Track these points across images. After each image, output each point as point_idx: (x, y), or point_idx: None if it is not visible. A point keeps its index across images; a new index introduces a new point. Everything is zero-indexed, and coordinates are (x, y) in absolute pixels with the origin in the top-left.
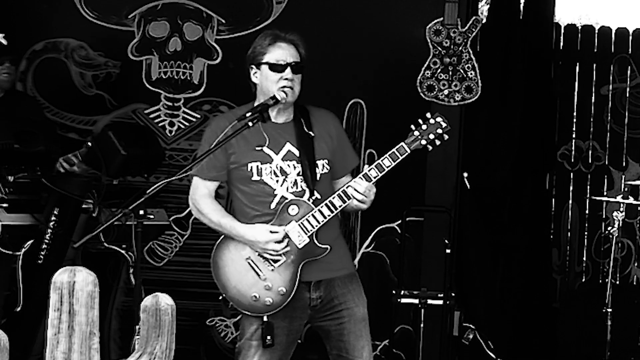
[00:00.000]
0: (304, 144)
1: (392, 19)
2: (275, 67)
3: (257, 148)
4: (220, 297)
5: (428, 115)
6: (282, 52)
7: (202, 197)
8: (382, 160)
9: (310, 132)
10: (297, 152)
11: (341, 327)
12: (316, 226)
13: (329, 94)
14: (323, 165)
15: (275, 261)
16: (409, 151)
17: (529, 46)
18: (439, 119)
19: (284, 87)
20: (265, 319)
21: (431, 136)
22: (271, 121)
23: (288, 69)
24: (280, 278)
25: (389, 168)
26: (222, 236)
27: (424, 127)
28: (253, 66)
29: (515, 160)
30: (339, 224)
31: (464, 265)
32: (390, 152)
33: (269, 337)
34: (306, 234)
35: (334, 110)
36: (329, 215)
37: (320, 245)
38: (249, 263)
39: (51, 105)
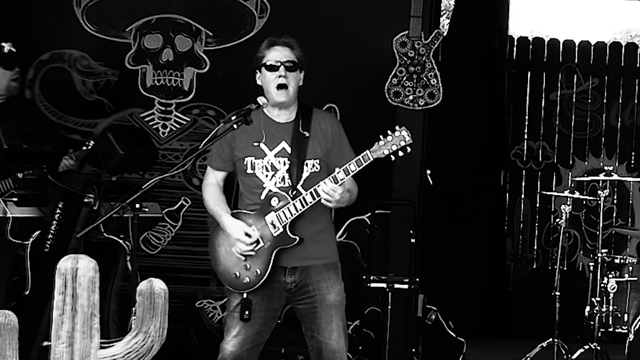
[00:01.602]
0: (297, 143)
1: (363, 32)
2: (271, 67)
3: (254, 144)
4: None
5: (397, 127)
6: (276, 54)
7: (208, 184)
8: (348, 165)
9: (306, 133)
10: (289, 150)
11: (314, 310)
12: (289, 218)
13: (306, 98)
14: (313, 165)
15: (256, 246)
16: (372, 159)
17: (486, 56)
18: (404, 133)
19: (280, 85)
20: (244, 296)
21: (394, 147)
22: (272, 120)
23: (282, 68)
24: (257, 261)
25: (354, 172)
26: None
27: (389, 138)
28: (257, 71)
29: (473, 159)
30: (327, 218)
31: (427, 253)
32: (356, 159)
33: (246, 312)
34: (281, 224)
35: None
36: (300, 209)
37: (291, 236)
38: (235, 251)
39: (56, 109)
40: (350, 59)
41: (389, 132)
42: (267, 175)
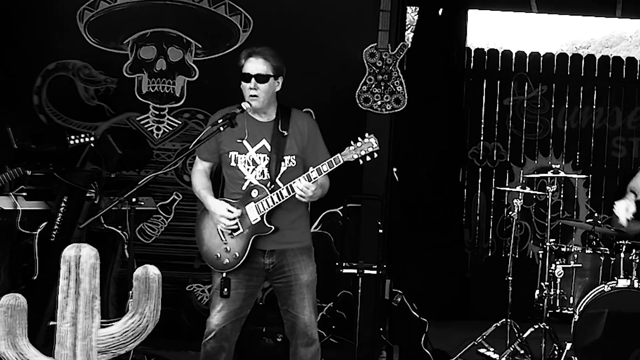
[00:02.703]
0: (277, 141)
1: (337, 44)
2: (245, 78)
3: (238, 140)
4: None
5: (366, 134)
6: (250, 66)
7: (196, 171)
8: (321, 166)
9: (284, 132)
10: (269, 148)
11: (288, 288)
12: (267, 209)
13: (285, 103)
14: (290, 160)
15: (235, 231)
16: (342, 161)
17: (446, 66)
18: (372, 140)
19: (251, 95)
20: (224, 275)
21: (362, 152)
22: (255, 119)
23: (253, 80)
24: (236, 244)
25: (327, 172)
26: (204, 207)
27: (359, 144)
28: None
29: (435, 158)
30: (303, 208)
31: (393, 243)
32: (328, 160)
33: (225, 289)
34: (259, 213)
35: None
36: (277, 202)
37: (267, 225)
38: (218, 230)
39: (61, 113)
40: (326, 68)
41: (359, 139)
42: (248, 169)
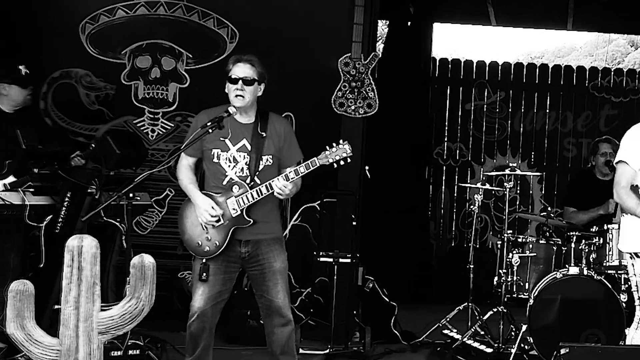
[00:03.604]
0: (256, 141)
1: (314, 54)
2: (232, 81)
3: (221, 138)
4: (180, 239)
5: (341, 140)
6: (238, 70)
7: (182, 166)
8: (298, 167)
9: (263, 133)
10: (249, 147)
11: (263, 275)
12: (246, 203)
13: (268, 107)
14: (267, 159)
15: (216, 222)
16: (318, 165)
17: (413, 74)
18: (346, 146)
19: (237, 95)
20: (203, 261)
21: (336, 157)
22: (237, 121)
23: (240, 82)
24: (217, 234)
25: (303, 174)
26: (187, 198)
27: (334, 149)
28: (226, 81)
29: (403, 157)
30: (276, 203)
31: (365, 234)
32: (305, 163)
33: (204, 274)
34: (239, 207)
35: None
36: (256, 198)
37: (246, 218)
38: (200, 220)
39: (65, 117)
40: (304, 76)
41: (334, 144)
42: (229, 166)
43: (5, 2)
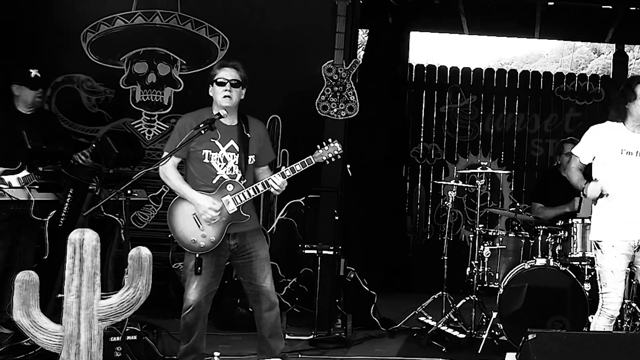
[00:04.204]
0: (242, 142)
1: (299, 61)
2: (220, 83)
3: (211, 140)
4: (169, 236)
5: (330, 139)
6: (225, 73)
7: (169, 167)
8: (295, 166)
9: (247, 134)
10: (237, 147)
11: (250, 263)
12: (243, 201)
13: (255, 110)
14: (252, 158)
15: (213, 219)
16: (314, 162)
17: (391, 79)
18: (337, 145)
19: (225, 96)
20: (197, 256)
21: (330, 155)
22: (223, 123)
23: (228, 84)
24: (213, 230)
25: (299, 171)
26: (177, 196)
27: (326, 147)
28: (210, 84)
29: (382, 156)
30: (255, 198)
31: (347, 228)
32: (301, 161)
33: (199, 268)
34: (236, 205)
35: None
36: (253, 195)
37: (243, 214)
38: (194, 217)
39: (67, 119)
40: (290, 81)
41: (325, 143)
42: (220, 165)
43: (14, 13)
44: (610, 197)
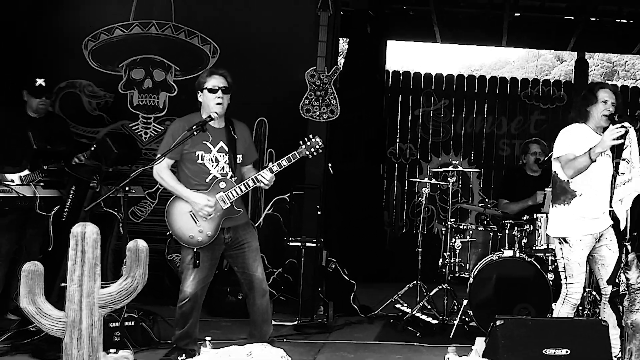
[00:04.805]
0: (231, 143)
1: (285, 67)
2: (212, 90)
3: (203, 142)
4: (168, 233)
5: (311, 135)
6: (216, 81)
7: (163, 168)
8: (281, 161)
9: (235, 136)
10: (226, 148)
11: (243, 254)
12: (236, 196)
13: (244, 113)
14: (239, 158)
15: (209, 215)
16: (298, 157)
17: (370, 84)
18: (318, 140)
19: (218, 103)
20: (195, 250)
21: (312, 150)
22: (213, 126)
23: (219, 91)
24: (209, 226)
25: (285, 166)
26: (174, 196)
27: (308, 143)
28: (199, 91)
29: (361, 156)
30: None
31: (328, 222)
32: (286, 157)
33: (197, 261)
34: (229, 200)
35: (247, 124)
36: (244, 190)
37: (236, 208)
38: (191, 214)
39: (70, 121)
40: (276, 86)
41: (307, 139)
42: (212, 165)
43: (21, 24)
44: (580, 195)
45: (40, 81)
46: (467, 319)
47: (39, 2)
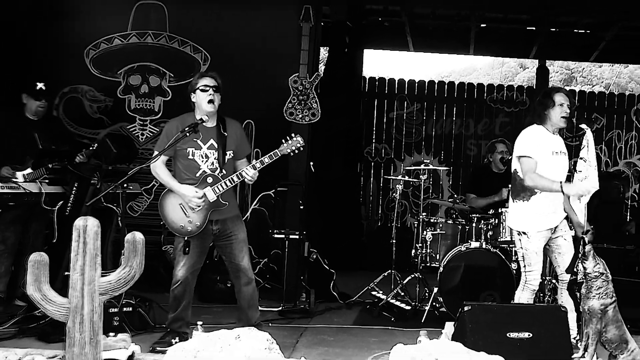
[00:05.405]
0: (220, 141)
1: (270, 74)
2: (203, 89)
3: (194, 139)
4: (161, 223)
5: (292, 134)
6: (207, 81)
7: (159, 164)
8: (264, 158)
9: (225, 133)
10: (216, 145)
11: (231, 244)
12: (222, 190)
13: (232, 116)
14: (229, 154)
15: (197, 206)
16: (280, 155)
17: (348, 89)
18: (299, 138)
19: (209, 100)
20: (185, 239)
21: (293, 148)
22: (204, 126)
23: (210, 89)
24: (197, 217)
25: (268, 163)
26: (166, 189)
27: (290, 141)
28: (192, 93)
29: (340, 155)
30: (232, 188)
31: (310, 215)
32: (269, 154)
33: (187, 249)
34: (215, 194)
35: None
36: (229, 185)
37: (222, 201)
38: (181, 206)
39: (73, 123)
40: (263, 90)
41: (289, 137)
42: (202, 161)
43: (21, 24)
44: (539, 192)
45: (40, 85)
46: (437, 305)
47: (39, 4)
